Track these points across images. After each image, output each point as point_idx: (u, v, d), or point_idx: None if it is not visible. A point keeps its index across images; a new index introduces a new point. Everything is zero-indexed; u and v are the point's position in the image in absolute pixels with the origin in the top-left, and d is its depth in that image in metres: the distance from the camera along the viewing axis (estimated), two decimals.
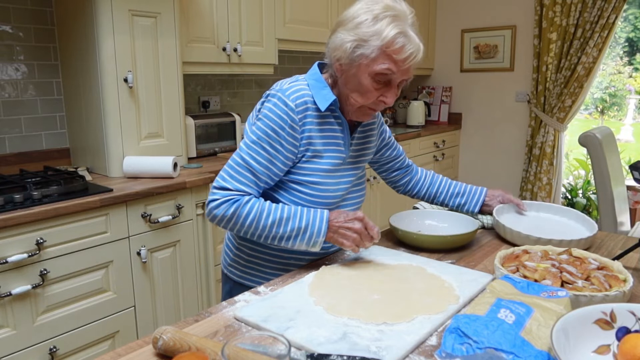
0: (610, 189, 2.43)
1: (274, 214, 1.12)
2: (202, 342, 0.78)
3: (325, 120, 1.19)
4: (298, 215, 1.12)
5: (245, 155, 1.14)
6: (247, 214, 1.11)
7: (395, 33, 1.07)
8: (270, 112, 1.14)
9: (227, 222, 1.13)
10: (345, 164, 1.26)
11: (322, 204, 1.21)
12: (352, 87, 1.14)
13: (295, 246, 1.13)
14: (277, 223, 1.12)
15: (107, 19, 1.91)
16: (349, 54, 1.10)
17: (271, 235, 1.13)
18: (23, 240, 1.56)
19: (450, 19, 4.04)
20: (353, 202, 1.30)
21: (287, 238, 1.12)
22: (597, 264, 1.05)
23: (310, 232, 1.11)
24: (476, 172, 4.12)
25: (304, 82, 1.19)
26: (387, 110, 4.15)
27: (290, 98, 1.14)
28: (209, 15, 2.36)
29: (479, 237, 1.43)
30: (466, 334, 0.75)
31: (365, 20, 1.08)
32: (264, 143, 1.13)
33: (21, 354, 1.60)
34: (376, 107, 1.17)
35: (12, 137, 2.09)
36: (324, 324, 0.89)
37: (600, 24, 3.24)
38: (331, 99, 1.16)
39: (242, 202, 1.12)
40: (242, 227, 1.13)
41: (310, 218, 1.12)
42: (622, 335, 0.77)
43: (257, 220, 1.11)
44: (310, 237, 1.12)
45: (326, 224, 1.12)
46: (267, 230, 1.12)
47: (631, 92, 5.48)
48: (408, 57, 1.08)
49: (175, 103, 2.19)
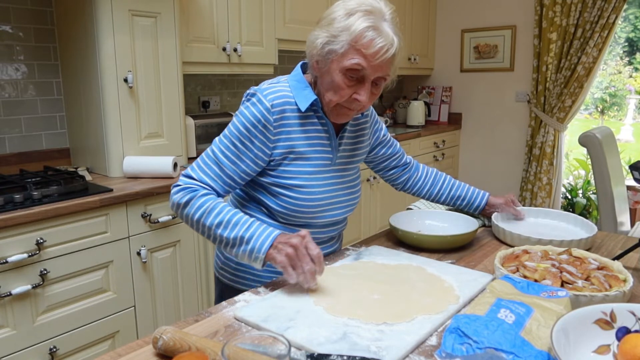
0: (610, 189, 2.43)
1: (223, 215, 1.06)
2: (202, 342, 0.78)
3: (307, 121, 1.16)
4: (247, 225, 1.05)
5: (215, 148, 1.13)
6: (198, 207, 1.07)
7: (364, 27, 1.03)
8: (246, 109, 1.13)
9: (181, 210, 1.10)
10: (334, 165, 1.22)
11: (309, 207, 1.17)
12: (326, 85, 1.11)
13: (238, 256, 1.06)
14: (223, 225, 1.05)
15: (107, 19, 1.91)
16: (320, 50, 1.08)
17: (215, 237, 1.07)
18: (23, 240, 1.56)
19: (450, 19, 4.04)
20: (344, 205, 1.25)
21: (231, 245, 1.05)
22: (597, 264, 1.05)
23: (252, 245, 1.03)
24: (476, 172, 4.12)
25: (286, 83, 1.17)
26: (387, 110, 4.15)
27: (268, 98, 1.12)
28: (209, 15, 2.36)
29: (479, 237, 1.43)
30: (466, 334, 0.75)
31: (338, 15, 1.06)
32: (235, 139, 1.12)
33: (21, 354, 1.60)
34: (350, 105, 1.12)
35: (12, 137, 2.09)
36: (324, 324, 0.89)
37: (600, 24, 3.24)
38: (311, 99, 1.14)
39: (198, 194, 1.09)
40: (192, 220, 1.09)
41: (258, 231, 1.04)
42: (622, 335, 0.77)
43: (205, 217, 1.06)
44: (251, 251, 1.03)
45: (271, 241, 1.02)
46: (212, 230, 1.06)
47: (631, 92, 5.48)
48: (378, 51, 1.03)
49: (175, 103, 2.19)
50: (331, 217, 1.23)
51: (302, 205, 1.16)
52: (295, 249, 0.98)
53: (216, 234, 1.07)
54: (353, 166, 1.29)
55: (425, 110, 4.00)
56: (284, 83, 1.17)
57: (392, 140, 1.45)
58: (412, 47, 3.86)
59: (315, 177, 1.17)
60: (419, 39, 3.95)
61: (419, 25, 3.91)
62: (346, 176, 1.26)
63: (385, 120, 3.90)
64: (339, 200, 1.23)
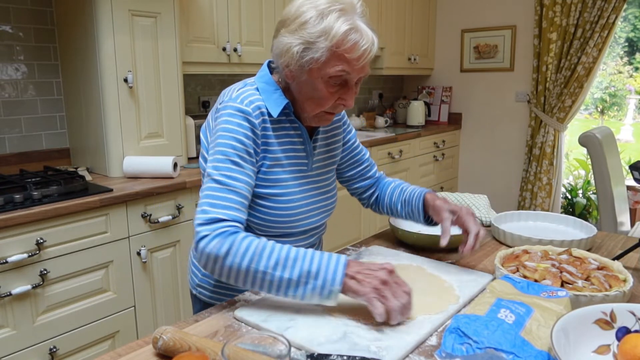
0: (610, 189, 2.43)
1: (278, 252, 0.92)
2: (202, 342, 0.78)
3: (280, 125, 1.09)
4: (308, 257, 0.92)
5: (219, 177, 0.99)
6: (243, 253, 0.91)
7: (346, 29, 0.95)
8: (229, 123, 1.02)
9: (221, 263, 0.92)
10: (311, 170, 1.16)
11: (286, 215, 1.10)
12: (306, 95, 1.04)
13: (306, 297, 0.91)
14: (282, 264, 0.91)
15: (107, 19, 1.91)
16: (297, 59, 0.99)
17: (272, 282, 0.91)
18: (23, 240, 1.56)
19: (450, 19, 4.04)
20: (322, 211, 1.19)
21: (295, 285, 0.90)
22: (597, 264, 1.05)
23: (324, 278, 0.89)
24: (476, 172, 4.12)
25: (253, 86, 1.08)
26: (387, 110, 4.15)
27: (244, 103, 1.04)
28: (209, 15, 2.36)
29: None
30: (466, 334, 0.75)
31: (310, 18, 0.97)
32: (234, 157, 1.01)
33: (21, 354, 1.60)
34: (335, 110, 1.07)
35: (12, 137, 2.09)
36: (324, 324, 0.89)
37: (600, 24, 3.24)
38: (283, 103, 1.07)
39: (237, 237, 0.93)
40: (239, 270, 0.92)
41: (324, 260, 0.92)
42: (622, 335, 0.77)
43: (256, 261, 0.91)
44: (323, 285, 0.89)
45: (343, 268, 0.90)
46: (268, 274, 0.91)
47: (631, 92, 5.48)
48: (362, 54, 0.97)
49: (175, 103, 2.19)
50: (309, 225, 1.17)
51: (279, 215, 1.10)
52: (384, 283, 0.88)
53: (274, 277, 0.91)
54: (329, 169, 1.22)
55: (425, 110, 4.00)
56: (251, 87, 1.08)
57: (362, 147, 1.34)
58: (412, 47, 3.86)
59: (292, 184, 1.11)
60: (419, 39, 3.94)
61: (419, 25, 3.91)
62: (322, 181, 1.19)
63: (385, 120, 3.91)
64: (316, 207, 1.17)
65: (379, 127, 3.90)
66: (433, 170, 3.85)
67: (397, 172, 3.42)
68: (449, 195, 1.63)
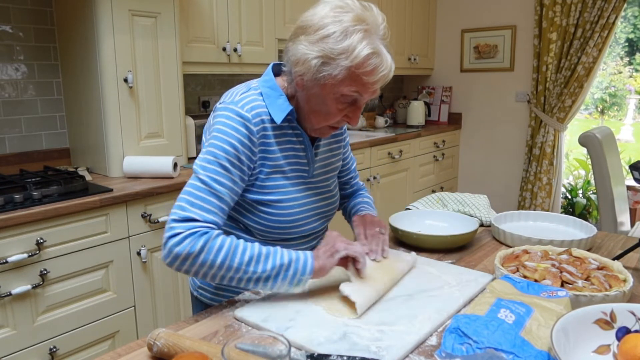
0: (610, 189, 2.43)
1: (251, 250, 0.96)
2: (196, 345, 0.77)
3: (282, 132, 1.09)
4: (279, 253, 0.97)
5: (205, 177, 0.99)
6: (218, 249, 0.94)
7: (368, 53, 0.95)
8: (226, 126, 1.02)
9: (193, 260, 0.93)
10: (312, 177, 1.16)
11: (287, 221, 1.11)
12: (314, 106, 1.04)
13: (275, 287, 0.97)
14: (255, 260, 0.95)
15: (107, 19, 1.91)
16: (314, 72, 0.98)
17: (246, 277, 0.95)
18: (23, 240, 1.56)
19: (450, 19, 4.04)
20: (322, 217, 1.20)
21: (266, 278, 0.95)
22: (597, 264, 1.05)
23: (295, 268, 0.96)
24: (476, 172, 4.12)
25: (257, 91, 1.08)
26: (387, 110, 4.15)
27: (245, 109, 1.03)
28: (209, 15, 2.36)
29: (479, 237, 1.43)
30: (466, 334, 0.75)
31: (333, 33, 0.95)
32: (224, 161, 1.00)
33: (21, 354, 1.60)
34: (339, 125, 1.08)
35: (12, 137, 2.09)
36: (324, 324, 0.89)
37: (600, 24, 3.24)
38: (287, 110, 1.06)
39: (211, 235, 0.94)
40: (211, 267, 0.94)
41: (293, 254, 0.98)
42: (622, 335, 0.77)
43: (231, 258, 0.94)
44: (294, 274, 0.96)
45: (312, 258, 0.98)
46: (242, 269, 0.94)
47: (631, 92, 5.48)
48: (379, 79, 0.98)
49: (175, 103, 2.19)
50: (310, 230, 1.17)
51: (280, 221, 1.10)
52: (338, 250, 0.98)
53: (248, 271, 0.95)
54: (330, 175, 1.22)
55: (425, 110, 4.00)
56: (254, 92, 1.08)
57: (353, 157, 1.37)
58: (412, 47, 3.86)
59: (293, 191, 1.11)
60: (419, 39, 3.94)
61: (419, 25, 3.91)
62: (324, 187, 1.19)
63: (385, 120, 3.91)
64: (317, 212, 1.17)
65: (379, 127, 3.90)
66: (433, 170, 3.85)
67: (397, 172, 3.42)
68: (449, 196, 1.63)
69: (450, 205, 1.58)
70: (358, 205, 1.32)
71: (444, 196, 1.64)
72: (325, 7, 0.99)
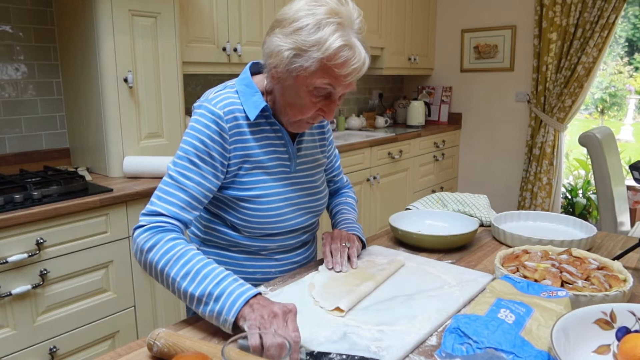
0: (610, 189, 2.43)
1: (192, 265, 0.89)
2: (196, 345, 0.77)
3: (259, 128, 1.10)
4: (218, 278, 0.88)
5: (174, 173, 1.01)
6: (163, 253, 0.92)
7: (339, 45, 0.95)
8: (197, 123, 1.04)
9: (143, 257, 0.94)
10: (294, 172, 1.16)
11: (270, 216, 1.11)
12: (288, 100, 1.05)
13: (205, 317, 0.88)
14: (190, 278, 0.88)
15: (107, 19, 1.91)
16: (286, 63, 0.98)
17: (178, 291, 0.90)
18: (23, 240, 1.56)
19: (450, 19, 4.04)
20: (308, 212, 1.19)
21: (196, 302, 0.87)
22: (597, 264, 1.05)
23: (222, 304, 0.84)
24: (476, 172, 4.12)
25: (233, 89, 1.09)
26: (387, 110, 4.15)
27: (218, 106, 1.04)
28: (209, 15, 2.36)
29: (479, 237, 1.43)
30: (466, 334, 0.75)
31: (306, 25, 0.96)
32: (193, 157, 1.02)
33: (21, 354, 1.60)
34: (314, 120, 1.08)
35: (12, 137, 2.09)
36: (324, 324, 0.89)
37: (600, 24, 3.24)
38: (261, 106, 1.06)
39: (165, 237, 0.93)
40: (155, 269, 0.92)
41: (231, 287, 0.86)
42: (622, 335, 0.77)
43: (170, 266, 0.90)
44: (219, 312, 0.84)
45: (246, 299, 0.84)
46: (176, 282, 0.89)
47: (631, 92, 5.48)
48: (351, 72, 0.98)
49: (175, 103, 2.19)
50: (296, 225, 1.17)
51: (262, 216, 1.10)
52: (274, 316, 0.80)
53: (180, 287, 0.89)
54: (316, 171, 1.22)
55: (425, 110, 4.00)
56: (230, 90, 1.09)
57: (337, 154, 1.37)
58: (412, 47, 3.86)
59: (274, 186, 1.12)
60: (419, 39, 3.95)
61: (419, 25, 3.91)
62: (308, 182, 1.19)
63: (385, 120, 3.91)
64: (301, 207, 1.17)
65: (379, 127, 3.90)
66: (433, 170, 3.85)
67: (397, 172, 3.42)
68: (449, 196, 1.63)
69: (450, 205, 1.58)
70: (339, 206, 1.34)
71: (444, 196, 1.64)
72: (301, 0, 1.00)
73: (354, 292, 0.98)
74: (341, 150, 2.83)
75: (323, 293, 1.00)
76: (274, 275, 1.18)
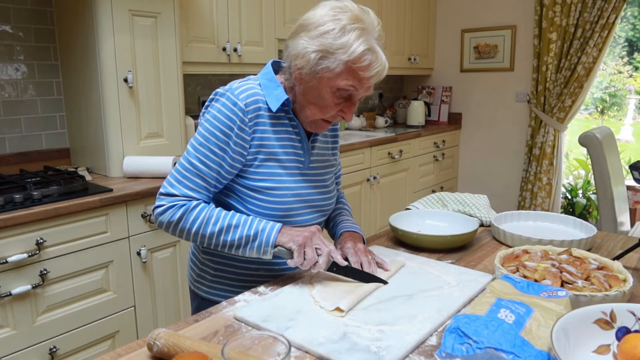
0: (610, 189, 2.43)
1: (222, 221, 1.06)
2: (196, 345, 0.77)
3: (279, 121, 1.13)
4: (247, 224, 1.06)
5: (193, 158, 1.08)
6: (193, 220, 1.06)
7: (364, 49, 1.01)
8: (218, 112, 1.08)
9: (174, 227, 1.08)
10: (308, 168, 1.18)
11: (279, 209, 1.13)
12: (310, 99, 1.08)
13: (246, 254, 1.08)
14: (225, 231, 1.06)
15: (107, 19, 1.91)
16: (313, 65, 1.03)
17: (219, 244, 1.08)
18: (23, 240, 1.56)
19: (450, 19, 4.04)
20: (317, 210, 1.20)
21: (236, 246, 1.07)
22: (597, 264, 1.05)
23: (260, 240, 1.05)
24: (476, 172, 4.12)
25: (256, 81, 1.13)
26: (387, 110, 4.15)
27: (240, 97, 1.08)
28: (209, 15, 2.36)
29: (479, 237, 1.43)
30: (466, 334, 0.75)
31: (332, 30, 1.01)
32: (212, 145, 1.07)
33: (21, 354, 1.60)
34: (333, 120, 1.12)
35: (12, 137, 2.09)
36: (324, 324, 0.89)
37: (600, 24, 3.24)
38: (283, 99, 1.10)
39: (189, 207, 1.06)
40: (189, 234, 1.08)
41: (260, 226, 1.06)
42: (622, 335, 0.77)
43: (204, 227, 1.06)
44: (259, 246, 1.06)
45: (277, 231, 1.06)
46: (214, 238, 1.07)
47: (631, 92, 5.48)
48: (374, 75, 1.04)
49: (175, 103, 2.19)
50: (304, 222, 1.17)
51: (273, 209, 1.12)
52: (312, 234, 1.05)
53: (219, 241, 1.07)
54: (327, 170, 1.25)
55: (425, 110, 4.00)
56: (254, 82, 1.13)
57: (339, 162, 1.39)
58: (412, 47, 3.86)
59: (287, 180, 1.13)
60: (419, 39, 3.94)
61: (419, 25, 3.91)
62: (320, 180, 1.21)
63: (385, 120, 3.90)
64: (312, 205, 1.19)
65: (379, 127, 3.90)
66: (433, 170, 3.85)
67: (397, 172, 3.42)
68: (449, 196, 1.63)
69: (450, 205, 1.58)
70: (338, 210, 1.35)
71: (444, 196, 1.63)
72: (325, 7, 1.05)
73: (354, 292, 0.98)
74: (341, 150, 2.83)
75: (323, 293, 1.00)
76: (278, 273, 1.19)
